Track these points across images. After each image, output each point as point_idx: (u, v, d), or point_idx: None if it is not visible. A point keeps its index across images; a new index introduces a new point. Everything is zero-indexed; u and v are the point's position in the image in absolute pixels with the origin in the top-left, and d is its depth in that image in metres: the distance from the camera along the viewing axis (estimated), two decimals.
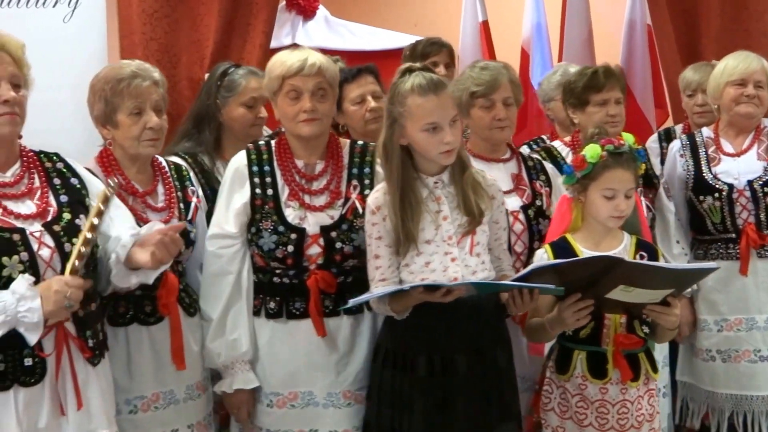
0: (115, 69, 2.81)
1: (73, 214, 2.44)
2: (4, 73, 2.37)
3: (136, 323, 2.71)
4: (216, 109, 3.37)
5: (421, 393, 2.65)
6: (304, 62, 2.74)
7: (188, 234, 2.80)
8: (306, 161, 2.84)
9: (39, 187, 2.45)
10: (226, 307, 2.78)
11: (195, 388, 2.82)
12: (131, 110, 2.73)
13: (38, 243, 2.34)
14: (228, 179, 2.84)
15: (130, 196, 2.76)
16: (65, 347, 2.36)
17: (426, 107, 2.59)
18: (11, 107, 2.37)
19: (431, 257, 2.64)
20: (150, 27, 4.02)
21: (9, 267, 2.28)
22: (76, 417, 2.38)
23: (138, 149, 2.76)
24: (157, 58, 3.89)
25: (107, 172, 2.77)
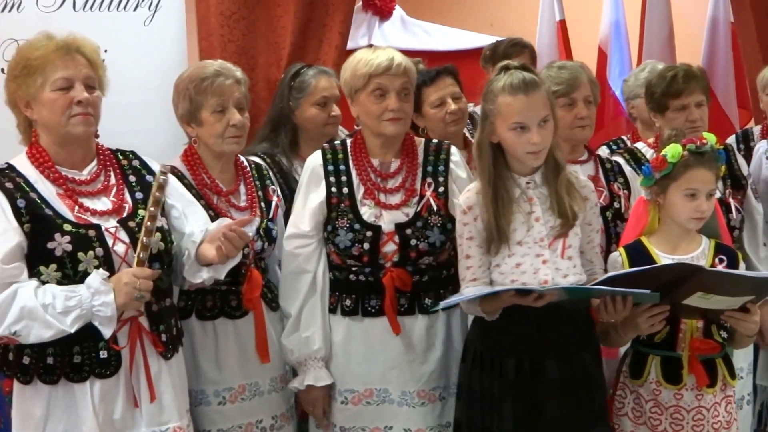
0: (199, 68, 2.88)
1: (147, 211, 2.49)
2: (78, 74, 2.44)
3: (223, 317, 2.79)
4: (290, 111, 3.43)
5: (510, 395, 2.65)
6: (391, 61, 2.76)
7: (270, 231, 2.86)
8: (381, 159, 2.86)
9: (115, 185, 2.52)
10: (302, 305, 2.82)
11: (278, 380, 2.89)
12: (215, 108, 2.79)
13: (113, 239, 2.41)
14: (304, 179, 2.88)
15: (215, 195, 2.82)
16: (138, 341, 2.43)
17: (514, 106, 2.59)
18: (84, 107, 2.43)
19: (522, 259, 2.64)
20: (228, 29, 4.07)
21: (85, 262, 2.35)
22: (149, 409, 2.44)
23: (221, 146, 2.82)
24: (235, 60, 3.87)
25: (192, 170, 2.84)
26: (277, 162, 3.31)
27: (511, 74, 2.61)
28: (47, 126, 2.44)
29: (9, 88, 2.45)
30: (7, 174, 2.42)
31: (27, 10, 3.68)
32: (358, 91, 2.80)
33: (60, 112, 2.40)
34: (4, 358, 2.41)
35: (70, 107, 2.40)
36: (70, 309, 2.29)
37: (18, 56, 2.44)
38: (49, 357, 2.36)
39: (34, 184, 2.41)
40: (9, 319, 2.27)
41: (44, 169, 2.44)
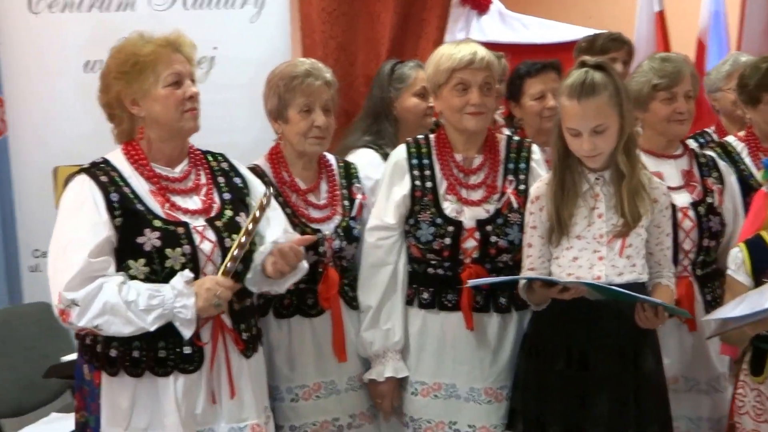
0: (290, 66, 2.87)
1: (234, 212, 2.50)
2: (185, 70, 2.46)
3: (299, 315, 2.78)
4: (390, 102, 3.43)
5: (559, 386, 2.61)
6: (474, 56, 2.72)
7: (350, 230, 2.85)
8: (464, 155, 2.82)
9: (205, 184, 2.52)
10: (383, 298, 2.80)
11: (356, 379, 2.85)
12: (301, 107, 2.78)
13: (200, 237, 2.40)
14: (388, 172, 2.85)
15: (293, 193, 2.82)
16: (221, 338, 2.43)
17: (569, 111, 2.55)
18: (194, 103, 2.46)
19: (580, 253, 2.60)
20: (329, 25, 4.12)
21: (172, 258, 2.35)
22: (229, 406, 2.45)
23: (304, 146, 2.81)
24: (336, 56, 3.97)
25: (275, 168, 2.85)
26: (387, 154, 3.23)
27: (578, 75, 2.55)
28: (158, 121, 2.43)
29: (113, 87, 2.43)
30: (103, 168, 2.42)
31: (140, 8, 3.84)
32: (441, 86, 2.76)
33: (174, 107, 2.41)
34: (92, 350, 2.45)
35: (182, 102, 2.42)
36: (152, 308, 2.29)
37: (123, 55, 2.42)
38: (135, 351, 2.36)
39: (128, 179, 2.41)
40: (92, 313, 2.28)
41: (139, 165, 2.44)
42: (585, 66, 2.58)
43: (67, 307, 2.29)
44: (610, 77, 2.56)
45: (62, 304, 2.30)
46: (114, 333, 2.32)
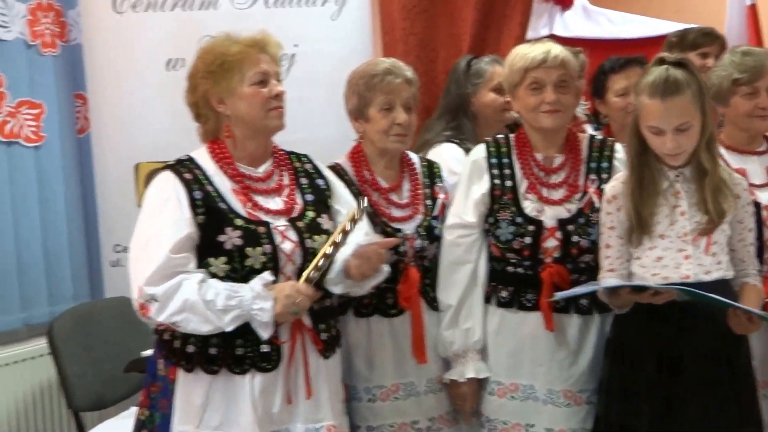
0: (371, 65, 2.87)
1: (316, 213, 2.51)
2: (271, 69, 2.48)
3: (378, 315, 2.76)
4: (467, 98, 3.41)
5: (648, 391, 2.55)
6: (546, 54, 2.69)
7: (432, 229, 2.82)
8: (545, 154, 2.79)
9: (288, 185, 2.53)
10: (463, 296, 2.77)
11: (436, 381, 2.82)
12: (382, 105, 2.77)
13: (281, 237, 2.41)
14: (467, 171, 2.83)
15: (375, 192, 2.81)
16: (299, 338, 2.43)
17: (650, 109, 2.49)
18: (279, 101, 2.47)
19: (664, 252, 2.54)
20: (409, 22, 4.11)
21: (252, 258, 2.35)
22: (305, 406, 2.44)
23: (386, 144, 2.80)
24: (416, 53, 3.96)
25: (356, 167, 2.84)
26: (468, 149, 3.21)
27: (658, 72, 2.49)
28: (243, 120, 2.46)
29: (200, 87, 2.46)
30: (187, 165, 2.46)
31: (223, 7, 3.86)
32: (516, 86, 2.75)
33: (259, 106, 2.44)
34: (170, 346, 2.46)
35: (268, 101, 2.44)
36: (230, 308, 2.30)
37: (210, 55, 2.45)
38: (212, 348, 2.37)
39: (212, 177, 2.44)
40: (170, 309, 2.29)
41: (223, 164, 2.47)
42: (664, 63, 2.52)
43: (147, 301, 2.31)
44: (692, 74, 2.50)
45: (142, 299, 2.32)
46: (192, 330, 2.33)
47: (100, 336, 3.72)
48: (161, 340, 2.51)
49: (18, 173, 3.99)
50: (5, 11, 3.96)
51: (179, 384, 2.45)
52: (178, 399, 2.44)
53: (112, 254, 3.97)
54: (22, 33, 4.02)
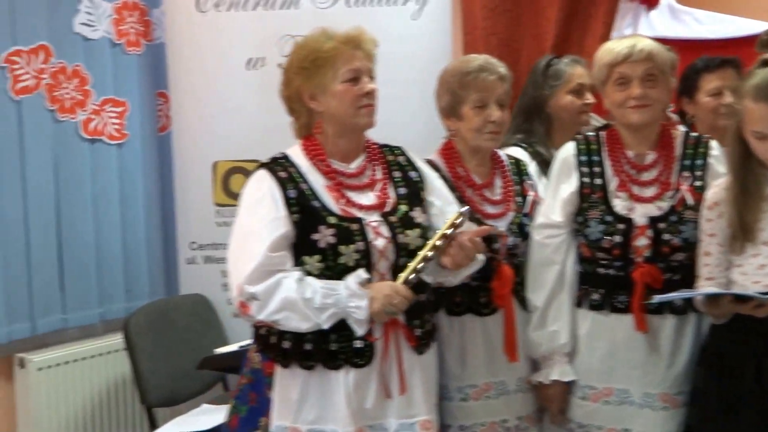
0: (464, 62, 2.85)
1: (409, 206, 2.50)
2: (364, 67, 2.47)
3: (471, 313, 2.75)
4: (544, 100, 3.38)
5: (748, 402, 2.46)
6: (632, 48, 2.65)
7: (523, 227, 2.80)
8: (636, 151, 2.74)
9: (380, 179, 2.53)
10: (550, 298, 2.74)
11: (525, 381, 2.80)
12: (475, 103, 2.75)
13: (374, 233, 2.41)
14: (556, 169, 2.81)
15: (469, 188, 2.79)
16: (393, 334, 2.43)
17: (754, 114, 2.42)
18: (370, 99, 2.47)
19: (767, 260, 2.46)
20: (491, 22, 4.07)
21: (346, 255, 2.36)
22: (399, 401, 2.44)
23: (479, 141, 2.78)
24: (498, 53, 3.81)
25: (449, 163, 2.83)
26: (537, 152, 3.26)
27: (763, 75, 2.42)
28: (334, 117, 2.47)
29: (294, 82, 2.48)
30: (282, 163, 2.47)
31: (304, 6, 3.88)
32: (604, 82, 2.72)
33: (350, 103, 2.44)
34: (266, 341, 2.48)
35: (359, 99, 2.44)
36: (327, 306, 2.32)
37: (304, 51, 2.47)
38: (307, 344, 2.39)
39: (306, 175, 2.45)
40: (271, 308, 2.32)
41: (316, 161, 2.48)
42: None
43: (247, 300, 2.33)
44: None
45: (242, 297, 2.34)
46: (292, 328, 2.35)
47: (174, 332, 3.76)
48: (258, 336, 2.53)
49: (100, 170, 4.06)
50: (92, 10, 4.03)
51: (277, 379, 2.47)
52: (276, 394, 2.47)
53: (188, 251, 4.02)
54: (108, 32, 4.09)
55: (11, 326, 3.74)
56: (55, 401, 3.83)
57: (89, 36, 4.02)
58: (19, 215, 3.77)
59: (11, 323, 3.74)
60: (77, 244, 3.95)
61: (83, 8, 3.99)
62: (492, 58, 2.86)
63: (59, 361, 3.85)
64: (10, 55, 3.73)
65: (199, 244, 3.98)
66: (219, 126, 3.91)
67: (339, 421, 2.39)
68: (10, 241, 3.74)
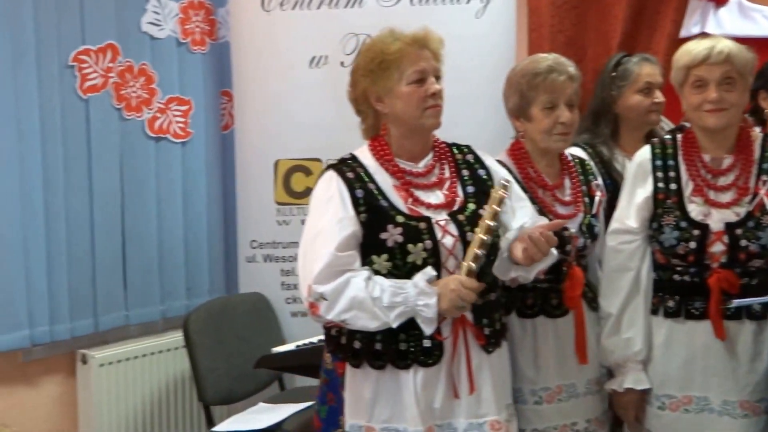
0: (533, 62, 2.82)
1: (477, 205, 2.48)
2: (430, 67, 2.46)
3: (543, 316, 2.73)
4: (611, 100, 3.34)
5: None
6: (710, 50, 2.61)
7: (592, 228, 2.78)
8: (713, 155, 2.69)
9: (448, 178, 2.53)
10: (624, 304, 2.71)
11: (593, 383, 2.78)
12: (545, 104, 2.73)
13: (442, 231, 2.41)
14: (631, 174, 2.78)
15: (540, 188, 2.77)
16: (462, 333, 2.43)
17: None
18: (436, 100, 2.45)
19: None
20: (558, 19, 4.03)
21: (414, 254, 2.36)
22: (468, 401, 2.43)
23: (548, 143, 2.76)
24: (564, 51, 3.73)
25: (518, 164, 2.81)
26: (598, 152, 3.24)
27: None
28: (400, 118, 2.47)
29: (361, 84, 2.49)
30: (350, 164, 2.48)
31: (368, 5, 3.87)
32: (681, 84, 2.68)
33: (416, 104, 2.44)
34: (337, 342, 2.49)
35: (424, 100, 2.44)
36: (396, 305, 2.32)
37: (371, 52, 2.47)
38: (377, 343, 2.40)
39: (373, 174, 2.46)
40: (340, 307, 2.33)
41: (384, 161, 2.48)
42: None
43: (316, 300, 2.34)
44: None
45: (311, 297, 2.35)
46: (361, 327, 2.35)
47: (233, 331, 3.78)
48: (329, 336, 2.54)
49: (165, 168, 4.09)
50: (159, 10, 4.06)
51: (348, 379, 2.48)
52: (348, 393, 2.48)
53: (248, 250, 4.03)
54: (174, 31, 4.12)
55: (74, 322, 3.79)
56: (115, 397, 3.87)
57: (156, 35, 4.05)
58: (86, 212, 3.82)
59: (74, 319, 3.79)
60: (141, 241, 3.99)
61: (150, 8, 4.03)
62: (561, 58, 2.83)
63: (120, 358, 3.89)
64: (78, 54, 3.78)
65: (260, 242, 3.99)
66: (281, 125, 3.92)
67: (409, 420, 2.39)
68: (76, 239, 3.78)
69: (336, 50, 3.82)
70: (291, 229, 3.88)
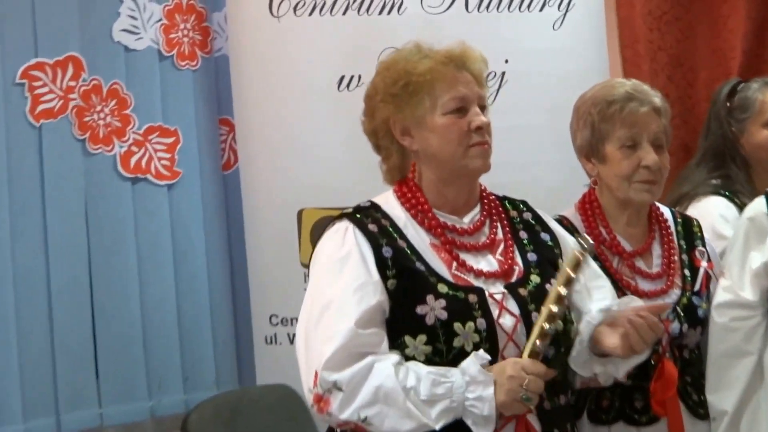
0: (606, 88, 2.85)
1: (542, 277, 2.47)
2: (473, 94, 2.46)
3: (623, 421, 2.72)
4: (734, 138, 3.39)
5: None
6: None
7: (694, 310, 2.78)
8: None
9: (502, 240, 2.52)
10: (743, 400, 2.69)
11: None
12: (623, 142, 2.75)
13: (499, 308, 2.38)
14: (742, 232, 2.78)
15: (615, 256, 2.79)
16: None
17: None
18: (482, 135, 2.45)
19: None
20: (658, 33, 4.07)
21: (462, 336, 2.33)
22: None
23: (628, 193, 2.78)
24: (668, 73, 3.96)
25: (588, 222, 2.83)
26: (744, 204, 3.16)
27: None
28: (435, 158, 2.47)
29: (380, 112, 2.49)
30: (372, 214, 2.46)
31: (410, 10, 3.86)
32: None
33: (456, 141, 2.43)
34: None
35: (467, 135, 2.43)
36: (438, 398, 2.26)
37: (392, 72, 2.48)
38: None
39: (404, 229, 2.45)
40: (360, 401, 2.27)
41: (417, 212, 2.48)
42: None
43: (327, 391, 2.29)
44: None
45: (320, 388, 2.29)
46: (388, 429, 2.28)
47: None
48: None
49: (145, 219, 4.09)
50: (136, 14, 4.10)
51: None
52: None
53: (266, 327, 4.01)
54: (156, 41, 4.15)
55: (29, 423, 3.75)
56: None
57: (132, 46, 4.08)
58: (41, 276, 3.82)
59: (29, 419, 3.74)
60: (117, 314, 3.98)
61: (125, 11, 4.07)
62: (644, 85, 2.85)
63: None
64: (29, 68, 3.82)
65: (282, 317, 3.98)
66: (304, 163, 3.92)
67: None
68: (29, 310, 3.77)
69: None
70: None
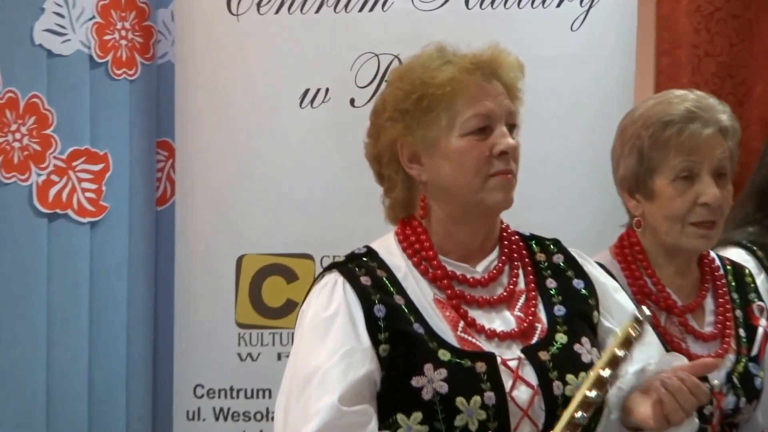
0: (662, 104, 2.78)
1: (570, 336, 2.44)
2: (500, 109, 2.40)
3: None
4: None
5: None
6: None
7: (751, 379, 2.74)
8: None
9: (524, 291, 2.49)
10: None
11: None
12: (678, 173, 2.69)
13: (513, 377, 2.36)
14: None
15: (663, 312, 2.73)
16: None
17: None
18: (508, 163, 2.40)
19: None
20: (706, 35, 4.05)
21: (465, 413, 2.30)
22: None
23: (679, 238, 2.72)
24: (715, 86, 3.92)
25: (628, 269, 2.78)
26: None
27: None
28: (446, 191, 2.43)
29: (387, 133, 2.45)
30: (366, 264, 2.45)
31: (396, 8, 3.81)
32: None
33: (474, 170, 2.38)
34: None
35: (488, 162, 2.38)
36: None
37: (406, 82, 2.43)
38: None
39: (403, 281, 2.43)
40: None
41: (420, 259, 2.45)
42: None
43: None
44: None
45: None
46: None
47: None
48: None
49: (61, 264, 4.06)
50: (63, 11, 4.05)
51: None
52: None
53: (190, 400, 3.96)
54: (86, 44, 4.09)
55: None
56: None
57: (57, 50, 4.03)
58: None
59: None
60: (17, 379, 3.94)
61: (50, 5, 4.02)
62: (710, 98, 2.80)
63: None
64: None
65: (209, 388, 3.91)
66: (252, 199, 3.88)
67: None
68: None
69: (345, 80, 3.79)
70: (260, 367, 3.84)
